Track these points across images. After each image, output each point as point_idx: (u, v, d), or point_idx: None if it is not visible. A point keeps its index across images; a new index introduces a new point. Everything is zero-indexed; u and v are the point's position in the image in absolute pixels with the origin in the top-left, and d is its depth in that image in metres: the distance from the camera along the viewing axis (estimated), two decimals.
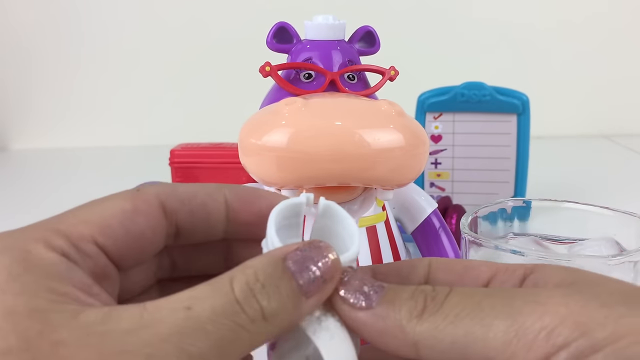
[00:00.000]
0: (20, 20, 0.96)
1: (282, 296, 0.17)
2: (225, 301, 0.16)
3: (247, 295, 0.17)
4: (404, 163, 0.27)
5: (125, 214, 0.19)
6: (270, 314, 0.17)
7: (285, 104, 0.27)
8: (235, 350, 0.16)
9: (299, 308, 0.17)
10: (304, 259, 0.18)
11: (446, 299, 0.17)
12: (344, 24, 0.32)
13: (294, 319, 0.18)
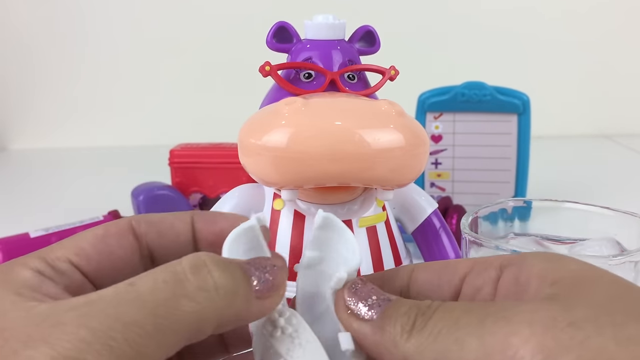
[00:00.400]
0: (20, 20, 0.96)
1: (235, 276, 0.18)
2: (169, 272, 0.17)
3: (199, 265, 0.18)
4: (404, 163, 0.27)
5: (97, 237, 0.20)
6: (222, 286, 0.17)
7: (285, 104, 0.27)
8: (177, 320, 0.17)
9: (250, 303, 0.18)
10: (253, 263, 0.19)
11: (433, 314, 0.18)
12: (344, 23, 0.32)
13: (244, 311, 0.18)
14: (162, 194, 0.53)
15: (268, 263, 0.19)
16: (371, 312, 0.19)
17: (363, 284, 0.20)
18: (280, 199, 0.31)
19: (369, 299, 0.19)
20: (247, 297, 0.18)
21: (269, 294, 0.19)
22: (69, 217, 0.54)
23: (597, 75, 0.99)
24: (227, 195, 0.32)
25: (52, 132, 1.01)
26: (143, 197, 0.53)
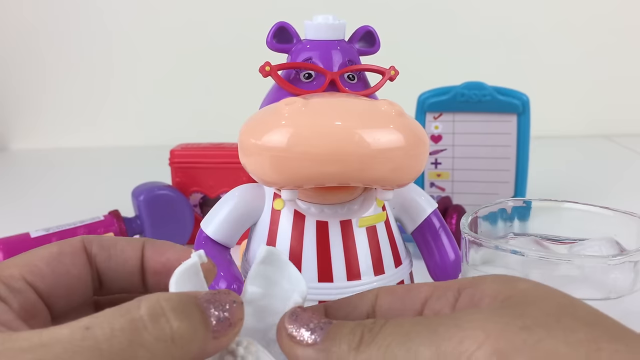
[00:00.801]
0: (20, 20, 0.96)
1: (193, 323, 0.18)
2: (126, 320, 0.17)
3: (157, 313, 0.17)
4: (404, 163, 0.27)
5: (52, 255, 0.21)
6: (180, 336, 0.17)
7: (285, 104, 0.27)
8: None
9: (206, 345, 0.18)
10: (213, 301, 0.19)
11: (381, 330, 0.18)
12: (344, 23, 0.32)
13: (200, 352, 0.18)
14: (162, 193, 0.53)
15: (228, 300, 0.19)
16: (314, 336, 0.19)
17: (302, 311, 0.20)
18: (281, 199, 0.31)
19: (310, 323, 0.19)
20: (205, 340, 0.18)
21: (225, 333, 0.19)
22: (70, 217, 0.54)
23: (596, 75, 0.99)
24: (227, 195, 0.32)
25: (52, 132, 1.01)
26: (143, 197, 0.53)
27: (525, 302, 0.18)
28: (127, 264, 0.22)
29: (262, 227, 0.32)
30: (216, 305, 0.19)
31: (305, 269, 0.31)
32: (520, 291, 0.19)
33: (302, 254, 0.31)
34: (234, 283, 0.30)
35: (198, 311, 0.18)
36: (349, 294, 0.30)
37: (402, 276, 0.33)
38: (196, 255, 0.21)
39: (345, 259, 0.31)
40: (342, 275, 0.31)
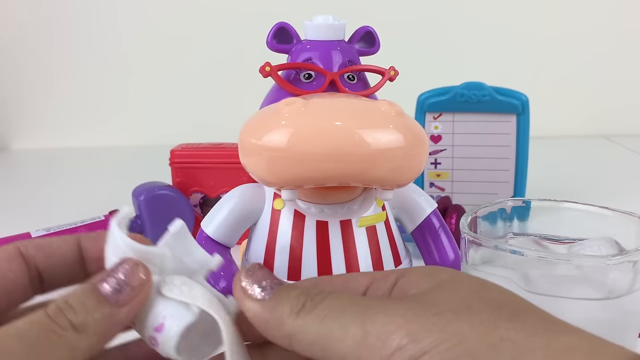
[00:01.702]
0: (21, 20, 0.96)
1: (89, 310, 0.20)
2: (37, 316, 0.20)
3: (57, 313, 0.20)
4: (403, 163, 0.27)
5: None
6: (80, 323, 0.20)
7: (285, 104, 0.27)
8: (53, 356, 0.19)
9: (114, 317, 0.20)
10: (106, 277, 0.21)
11: (322, 301, 0.21)
12: (344, 24, 0.32)
13: (116, 327, 0.21)
14: (162, 193, 0.53)
15: (122, 268, 0.21)
16: (263, 294, 0.21)
17: (259, 268, 0.22)
18: (281, 199, 0.31)
19: (263, 281, 0.22)
20: (111, 314, 0.20)
21: (131, 298, 0.21)
22: (70, 216, 0.55)
23: (596, 75, 0.99)
24: (227, 195, 0.33)
25: (52, 132, 1.01)
26: (144, 197, 0.53)
27: (443, 291, 0.20)
28: (66, 259, 0.24)
29: (262, 227, 0.32)
30: (109, 280, 0.21)
31: (305, 268, 0.31)
32: (441, 281, 0.21)
33: (302, 253, 0.31)
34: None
35: (93, 294, 0.21)
36: None
37: None
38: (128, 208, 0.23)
39: (345, 259, 0.31)
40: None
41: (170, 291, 0.22)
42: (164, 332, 0.21)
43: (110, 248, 0.23)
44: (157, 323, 0.22)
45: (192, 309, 0.22)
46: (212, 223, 0.32)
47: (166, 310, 0.22)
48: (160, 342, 0.22)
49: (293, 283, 0.23)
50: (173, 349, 0.21)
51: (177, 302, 0.22)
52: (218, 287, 0.30)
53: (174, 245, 0.23)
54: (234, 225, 0.32)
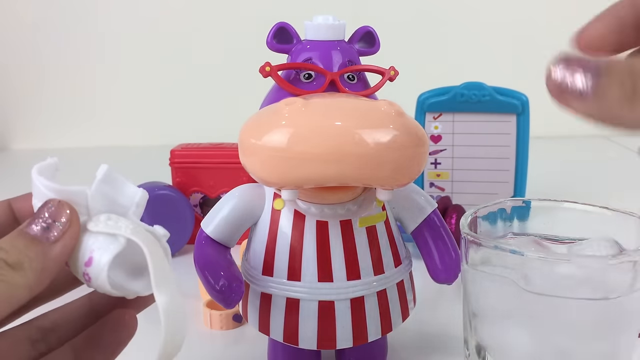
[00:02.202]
0: (21, 20, 0.96)
1: (20, 250, 0.21)
2: None
3: None
4: (403, 163, 0.27)
5: None
6: (15, 263, 0.21)
7: (285, 104, 0.27)
8: None
9: (49, 254, 0.22)
10: (33, 219, 0.22)
11: None
12: (344, 24, 0.32)
13: (52, 262, 0.22)
14: (162, 193, 0.53)
15: (46, 208, 0.22)
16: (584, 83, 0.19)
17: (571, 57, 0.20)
18: (281, 199, 0.31)
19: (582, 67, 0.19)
20: (45, 250, 0.22)
21: (61, 233, 0.22)
22: None
23: None
24: (227, 195, 0.32)
25: (53, 132, 1.01)
26: None
27: None
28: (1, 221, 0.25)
29: (262, 227, 0.32)
30: (36, 221, 0.22)
31: (305, 268, 0.31)
32: None
33: (302, 253, 0.31)
34: (234, 283, 0.30)
35: (21, 235, 0.22)
36: (348, 294, 0.30)
37: (401, 276, 0.33)
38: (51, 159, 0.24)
39: (345, 259, 0.31)
40: (342, 275, 0.31)
41: (95, 226, 0.23)
42: (93, 265, 0.22)
43: (35, 197, 0.24)
44: (86, 258, 0.22)
45: (118, 240, 0.22)
46: (212, 223, 0.32)
47: (94, 245, 0.22)
48: (92, 276, 0.22)
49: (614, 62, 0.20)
50: (105, 281, 0.22)
51: (103, 235, 0.22)
52: (218, 286, 0.30)
53: (103, 188, 0.23)
54: (234, 225, 0.32)
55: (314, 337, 0.31)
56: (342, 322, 0.31)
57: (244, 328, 0.42)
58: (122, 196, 0.24)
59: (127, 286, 0.23)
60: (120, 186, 0.24)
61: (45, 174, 0.23)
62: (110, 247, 0.22)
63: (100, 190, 0.23)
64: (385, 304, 0.32)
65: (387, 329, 0.32)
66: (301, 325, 0.31)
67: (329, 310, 0.31)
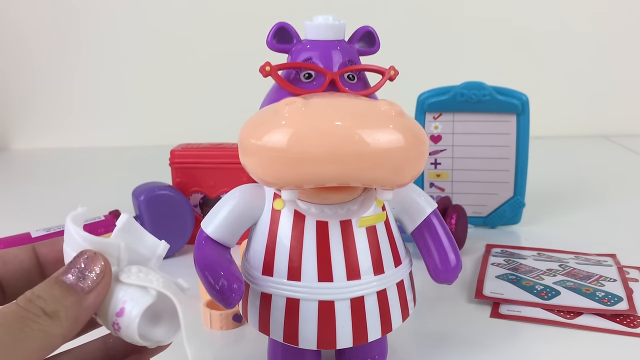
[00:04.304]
0: (21, 20, 0.96)
1: (57, 298, 0.22)
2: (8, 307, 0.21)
3: (28, 303, 0.21)
4: (403, 163, 0.27)
5: None
6: (53, 312, 0.21)
7: (285, 104, 0.27)
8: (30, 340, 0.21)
9: (83, 302, 0.22)
10: (68, 269, 0.23)
11: None
12: (344, 24, 0.32)
13: (85, 311, 0.22)
14: (162, 194, 0.53)
15: (81, 259, 0.23)
16: None
17: None
18: (281, 199, 0.31)
19: None
20: (79, 300, 0.22)
21: (95, 284, 0.23)
22: None
23: (596, 75, 0.99)
24: (227, 195, 0.32)
25: (52, 132, 1.01)
26: (144, 197, 0.53)
27: None
28: (23, 266, 0.25)
29: (262, 227, 0.32)
30: (71, 270, 0.23)
31: (305, 268, 0.31)
32: None
33: (302, 253, 0.31)
34: (234, 283, 0.30)
35: (57, 284, 0.22)
36: (349, 294, 0.30)
37: (401, 276, 0.33)
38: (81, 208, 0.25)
39: (345, 259, 0.31)
40: (342, 275, 0.31)
41: (128, 278, 0.24)
42: (124, 315, 0.23)
43: (68, 245, 0.24)
44: (118, 308, 0.23)
45: (149, 292, 0.23)
46: (212, 223, 0.32)
47: (126, 296, 0.23)
48: (123, 326, 0.23)
49: None
50: (135, 332, 0.23)
51: (135, 287, 0.23)
52: (218, 287, 0.30)
53: (125, 237, 0.24)
54: (234, 225, 0.32)
55: (314, 337, 0.31)
56: (342, 322, 0.31)
57: (244, 328, 0.42)
58: (142, 246, 0.25)
59: (150, 336, 0.24)
60: (140, 236, 0.25)
61: (78, 223, 0.24)
62: (142, 299, 0.23)
63: (122, 238, 0.24)
64: (385, 304, 0.32)
65: (387, 329, 0.32)
66: (301, 325, 0.31)
67: (329, 310, 0.31)
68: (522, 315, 0.42)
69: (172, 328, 0.25)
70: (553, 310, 0.42)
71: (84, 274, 0.23)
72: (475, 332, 0.41)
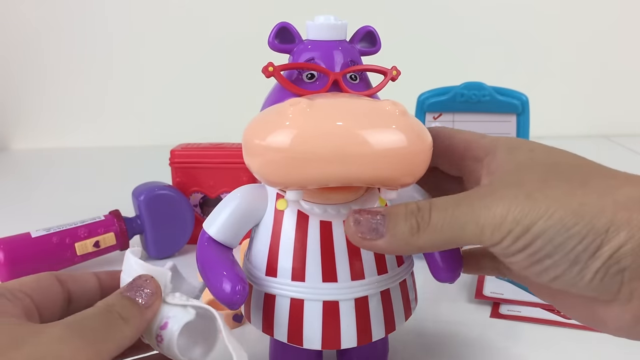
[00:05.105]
0: (21, 20, 0.96)
1: (127, 307, 0.27)
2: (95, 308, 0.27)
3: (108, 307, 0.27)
4: (408, 163, 0.27)
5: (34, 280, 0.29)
6: (126, 317, 0.27)
7: (289, 105, 0.27)
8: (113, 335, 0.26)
9: (144, 315, 0.28)
10: (130, 288, 0.29)
11: (430, 216, 0.26)
12: (346, 24, 0.32)
13: (144, 323, 0.28)
14: (162, 193, 0.53)
15: (142, 281, 0.29)
16: (379, 233, 0.27)
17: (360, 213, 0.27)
18: (283, 199, 0.31)
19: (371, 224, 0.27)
20: (140, 312, 0.28)
21: (152, 301, 0.28)
22: (70, 217, 0.55)
23: (596, 75, 0.99)
24: (229, 196, 0.32)
25: (52, 132, 1.01)
26: (144, 197, 0.53)
27: (522, 172, 0.26)
28: (89, 285, 0.31)
29: (265, 227, 0.32)
30: (134, 288, 0.28)
31: (309, 269, 0.31)
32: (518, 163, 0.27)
33: (306, 254, 0.31)
34: (238, 284, 0.30)
35: (125, 297, 0.28)
36: (353, 294, 0.30)
37: (404, 275, 0.33)
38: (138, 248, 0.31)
39: (349, 259, 0.31)
40: (346, 275, 0.31)
41: (172, 299, 0.29)
42: (167, 328, 0.28)
43: (125, 273, 0.30)
44: (162, 322, 0.28)
45: (189, 312, 0.28)
46: (215, 224, 0.32)
47: (170, 312, 0.28)
48: (165, 338, 0.28)
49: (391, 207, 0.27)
50: (174, 344, 0.28)
51: (178, 307, 0.29)
52: (222, 288, 0.30)
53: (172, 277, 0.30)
54: (236, 226, 0.32)
55: (318, 337, 0.31)
56: (347, 322, 0.31)
57: (244, 328, 0.42)
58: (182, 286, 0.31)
59: (186, 353, 0.29)
60: (181, 279, 0.31)
61: (136, 255, 0.30)
62: (183, 317, 0.28)
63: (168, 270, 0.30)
64: (388, 304, 0.32)
65: (390, 329, 0.32)
66: (305, 326, 0.31)
67: (333, 310, 0.31)
68: (522, 315, 0.42)
69: (205, 351, 0.30)
70: (553, 310, 0.42)
71: (143, 292, 0.28)
72: (475, 332, 0.41)
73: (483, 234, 0.25)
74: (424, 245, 0.26)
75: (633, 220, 0.23)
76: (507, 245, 0.25)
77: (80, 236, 0.51)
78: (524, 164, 0.26)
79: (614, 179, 0.25)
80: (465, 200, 0.26)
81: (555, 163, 0.26)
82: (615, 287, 0.24)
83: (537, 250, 0.24)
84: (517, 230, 0.24)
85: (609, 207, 0.23)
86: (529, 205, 0.24)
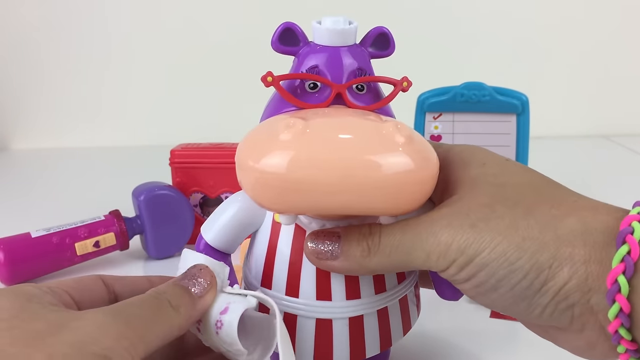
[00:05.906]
0: (21, 20, 0.96)
1: (179, 296, 0.26)
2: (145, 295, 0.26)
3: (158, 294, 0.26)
4: (410, 190, 0.26)
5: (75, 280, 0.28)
6: (176, 306, 0.26)
7: (285, 126, 0.25)
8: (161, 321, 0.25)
9: (196, 305, 0.27)
10: (185, 276, 0.28)
11: (380, 241, 0.27)
12: (356, 27, 0.30)
13: (196, 312, 0.27)
14: (162, 193, 0.53)
15: (196, 270, 0.28)
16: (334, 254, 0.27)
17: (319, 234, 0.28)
18: None
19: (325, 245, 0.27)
20: (193, 301, 0.27)
21: (205, 291, 0.27)
22: (70, 217, 0.55)
23: (596, 75, 0.99)
24: (228, 200, 0.31)
25: (52, 132, 1.01)
26: (144, 197, 0.53)
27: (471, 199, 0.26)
28: (139, 288, 0.29)
29: (263, 236, 0.31)
30: (187, 277, 0.28)
31: (304, 285, 0.30)
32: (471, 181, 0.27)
33: (302, 269, 0.30)
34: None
35: (177, 286, 0.27)
36: (347, 313, 0.30)
37: (405, 292, 0.32)
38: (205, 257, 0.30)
39: (345, 277, 0.29)
40: (341, 294, 0.29)
41: (231, 289, 0.28)
42: (228, 313, 0.27)
43: (181, 264, 0.30)
44: (222, 308, 0.27)
45: (249, 300, 0.28)
46: (212, 230, 0.31)
47: (230, 298, 0.28)
48: (225, 322, 0.27)
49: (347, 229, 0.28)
50: (235, 329, 0.26)
51: (237, 295, 0.28)
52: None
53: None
54: (234, 233, 0.31)
55: (310, 354, 0.30)
56: (340, 340, 0.30)
57: None
58: None
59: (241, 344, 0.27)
60: None
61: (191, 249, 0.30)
62: (244, 303, 0.27)
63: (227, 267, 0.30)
64: (385, 321, 0.31)
65: (386, 345, 0.31)
66: (298, 341, 0.30)
67: (326, 328, 0.30)
68: None
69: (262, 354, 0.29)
70: None
71: (197, 281, 0.27)
72: (475, 332, 0.41)
73: (429, 260, 0.25)
74: (375, 268, 0.27)
75: (575, 255, 0.23)
76: (453, 273, 0.25)
77: (80, 236, 0.51)
78: (475, 181, 0.27)
79: (559, 208, 0.25)
80: (413, 227, 0.26)
81: (502, 184, 0.26)
82: (567, 321, 0.24)
83: (482, 282, 0.25)
84: (461, 260, 0.25)
85: (552, 243, 0.24)
86: (474, 236, 0.24)
